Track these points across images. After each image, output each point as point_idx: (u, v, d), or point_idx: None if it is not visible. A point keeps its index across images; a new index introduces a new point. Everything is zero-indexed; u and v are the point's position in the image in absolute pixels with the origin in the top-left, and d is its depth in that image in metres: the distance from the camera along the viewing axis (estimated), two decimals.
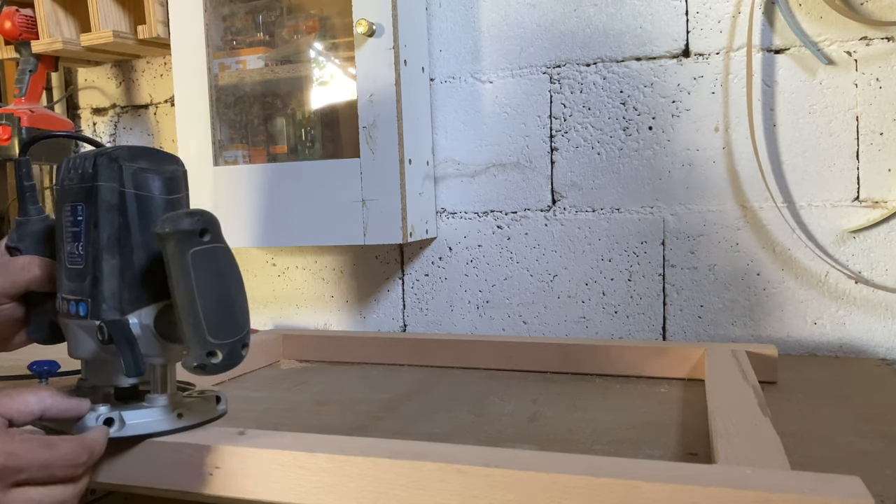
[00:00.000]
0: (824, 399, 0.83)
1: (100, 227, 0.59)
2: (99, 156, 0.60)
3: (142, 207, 0.60)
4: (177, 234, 0.56)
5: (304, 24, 1.23)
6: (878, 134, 1.04)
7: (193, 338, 0.56)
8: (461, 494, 0.50)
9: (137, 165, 0.61)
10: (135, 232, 0.60)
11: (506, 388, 0.91)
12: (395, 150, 1.13)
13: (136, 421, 0.61)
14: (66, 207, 0.62)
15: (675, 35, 1.13)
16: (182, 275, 0.56)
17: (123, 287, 0.60)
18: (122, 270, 0.60)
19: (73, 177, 0.61)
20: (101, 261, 0.59)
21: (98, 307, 0.59)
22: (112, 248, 0.60)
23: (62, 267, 0.63)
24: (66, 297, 0.62)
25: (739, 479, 0.45)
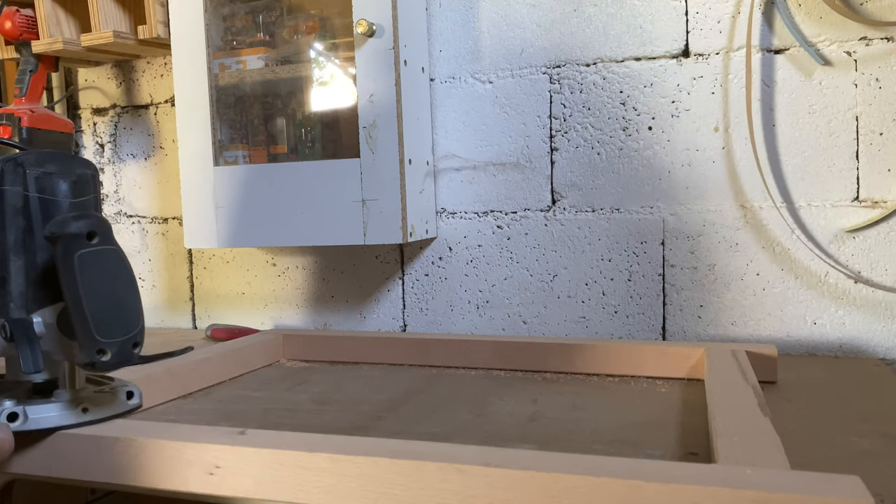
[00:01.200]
0: (824, 399, 0.83)
1: (6, 229, 0.62)
2: (5, 161, 0.62)
3: (46, 210, 0.62)
4: (64, 237, 0.58)
5: (304, 25, 1.23)
6: (878, 134, 1.05)
7: (83, 336, 0.58)
8: (461, 494, 0.50)
9: (43, 170, 0.62)
10: (38, 234, 0.62)
11: (506, 388, 0.91)
12: (395, 150, 1.13)
13: (39, 416, 0.62)
14: None
15: (675, 35, 1.13)
16: (70, 276, 0.57)
17: (28, 287, 0.62)
18: (27, 271, 0.62)
19: None
20: (9, 262, 0.61)
21: (6, 306, 0.62)
22: (18, 250, 0.62)
23: None
24: None
25: (739, 479, 0.45)
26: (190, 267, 1.51)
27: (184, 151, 1.27)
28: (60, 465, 0.64)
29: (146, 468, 0.61)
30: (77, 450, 0.63)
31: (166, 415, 0.82)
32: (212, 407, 0.86)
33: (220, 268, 1.47)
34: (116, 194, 1.57)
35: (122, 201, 1.57)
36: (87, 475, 0.63)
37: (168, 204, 1.53)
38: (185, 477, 0.59)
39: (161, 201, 1.53)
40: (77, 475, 0.63)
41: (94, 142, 1.58)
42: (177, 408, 0.86)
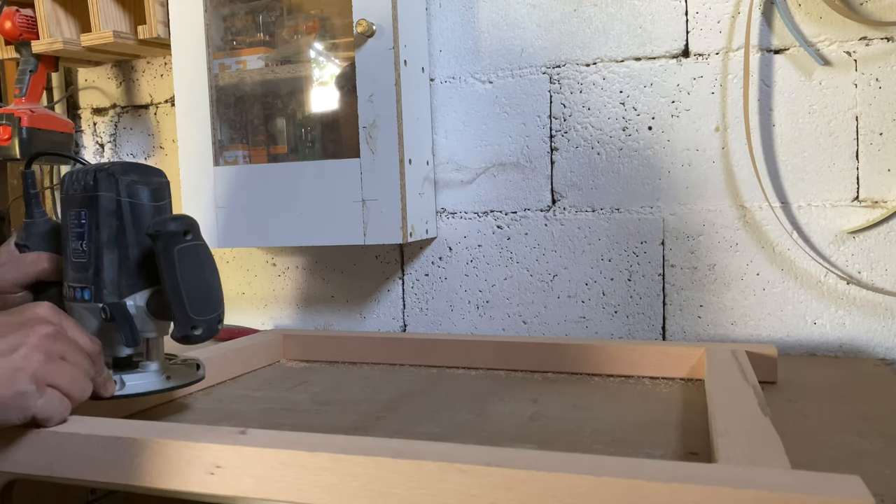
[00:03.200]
0: (824, 399, 0.84)
1: (100, 228, 0.73)
2: (98, 171, 0.73)
3: (134, 212, 0.74)
4: (164, 235, 0.70)
5: (304, 25, 1.24)
6: (878, 134, 1.05)
7: (180, 315, 0.71)
8: (462, 493, 0.50)
9: (130, 178, 0.74)
10: (129, 232, 0.73)
11: (506, 388, 0.91)
12: (395, 150, 1.13)
13: (133, 383, 0.74)
14: (70, 213, 0.75)
15: (675, 35, 1.13)
16: (170, 266, 0.70)
17: (121, 276, 0.73)
18: (119, 263, 0.73)
19: (76, 188, 0.74)
20: (102, 256, 0.73)
21: (100, 292, 0.73)
22: (111, 245, 0.73)
23: (68, 261, 0.76)
24: (72, 285, 0.75)
25: (740, 479, 0.45)
26: None
27: (184, 151, 1.27)
28: (61, 465, 0.64)
29: (146, 468, 0.61)
30: (77, 450, 0.63)
31: (167, 415, 0.82)
32: (212, 407, 0.86)
33: (220, 268, 1.46)
34: None
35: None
36: (88, 475, 0.63)
37: None
38: (186, 477, 0.59)
39: None
40: (77, 475, 0.63)
41: (94, 142, 1.58)
42: (177, 407, 0.86)
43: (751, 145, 1.08)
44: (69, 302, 0.75)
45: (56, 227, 0.81)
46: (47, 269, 0.79)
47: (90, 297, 0.73)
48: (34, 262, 0.79)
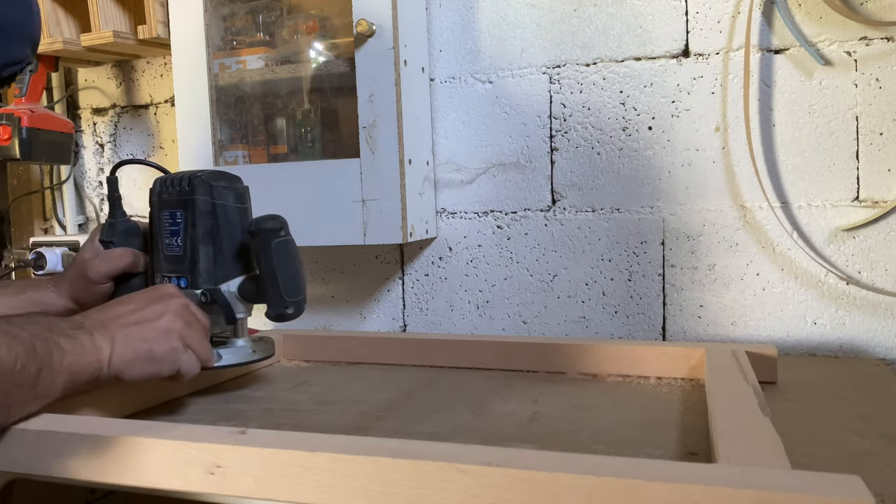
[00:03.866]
0: (824, 399, 0.83)
1: (197, 226, 0.84)
2: (193, 177, 0.85)
3: (225, 213, 0.85)
4: (263, 231, 0.82)
5: (304, 24, 1.24)
6: (878, 134, 1.05)
7: (275, 298, 0.84)
8: (462, 493, 0.50)
9: (220, 184, 0.86)
10: (221, 229, 0.85)
11: (506, 388, 0.91)
12: (395, 150, 1.13)
13: (228, 355, 0.86)
14: (164, 213, 0.86)
15: (675, 35, 1.13)
16: (268, 257, 0.83)
17: (215, 266, 0.85)
18: (214, 255, 0.85)
19: (171, 192, 0.86)
20: (198, 249, 0.84)
21: (196, 280, 0.85)
22: (206, 241, 0.85)
23: (160, 254, 0.87)
24: (167, 275, 0.86)
25: (740, 479, 0.45)
26: None
27: (184, 151, 1.27)
28: (61, 465, 0.64)
29: (147, 468, 0.61)
30: (77, 450, 0.63)
31: (167, 415, 0.82)
32: (212, 407, 0.86)
33: None
34: None
35: None
36: (88, 475, 0.63)
37: None
38: (186, 476, 0.59)
39: None
40: (77, 475, 0.63)
41: (94, 142, 1.58)
42: (178, 407, 0.86)
43: (751, 145, 1.08)
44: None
45: (134, 226, 0.94)
46: (132, 262, 0.91)
47: (187, 284, 0.85)
48: (122, 257, 0.91)
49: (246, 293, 0.86)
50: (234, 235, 0.86)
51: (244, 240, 0.87)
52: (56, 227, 1.64)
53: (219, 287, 0.85)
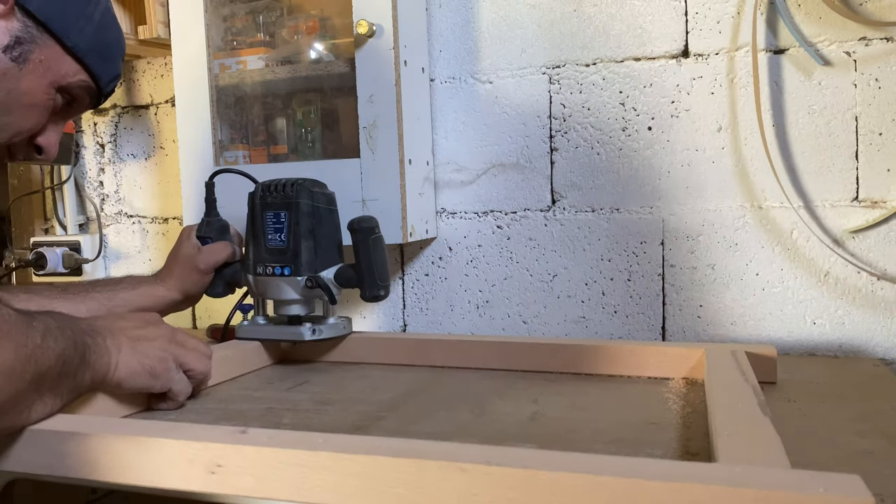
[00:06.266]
0: (824, 399, 0.84)
1: (299, 224, 1.01)
2: (294, 184, 1.01)
3: (322, 214, 1.02)
4: (362, 229, 1.00)
5: (305, 25, 1.24)
6: (878, 134, 1.05)
7: (370, 282, 1.01)
8: (463, 493, 0.50)
9: (317, 190, 1.02)
10: (318, 227, 1.02)
11: (506, 388, 0.91)
12: (395, 150, 1.13)
13: (328, 330, 1.04)
14: (268, 213, 1.02)
15: (675, 35, 1.13)
16: (366, 250, 1.00)
17: (315, 258, 1.02)
18: (314, 249, 1.01)
19: (275, 196, 1.02)
20: (300, 244, 1.01)
21: (299, 269, 1.01)
22: (307, 237, 1.01)
23: (260, 247, 1.03)
24: (270, 265, 1.02)
25: (740, 478, 0.45)
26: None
27: (184, 151, 1.28)
28: (61, 465, 0.64)
29: (147, 467, 0.61)
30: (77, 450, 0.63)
31: (167, 414, 0.82)
32: (213, 406, 0.86)
33: None
34: (117, 194, 1.57)
35: (122, 201, 1.57)
36: (89, 474, 0.63)
37: (168, 204, 1.53)
38: (187, 476, 0.59)
39: (161, 201, 1.54)
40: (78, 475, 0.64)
41: (95, 142, 1.58)
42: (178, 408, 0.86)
43: (751, 146, 1.08)
44: (263, 277, 1.02)
45: (226, 223, 1.10)
46: (231, 253, 1.07)
47: (290, 272, 1.01)
48: (224, 249, 1.06)
49: (341, 279, 1.02)
50: (328, 232, 1.03)
51: (337, 235, 1.05)
52: (57, 227, 1.64)
53: (319, 274, 1.01)
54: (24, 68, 0.78)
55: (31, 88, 0.79)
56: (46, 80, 0.80)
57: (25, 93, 0.79)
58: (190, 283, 1.05)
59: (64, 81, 0.82)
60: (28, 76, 0.78)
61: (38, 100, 0.81)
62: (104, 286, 1.01)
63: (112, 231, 1.58)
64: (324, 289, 1.01)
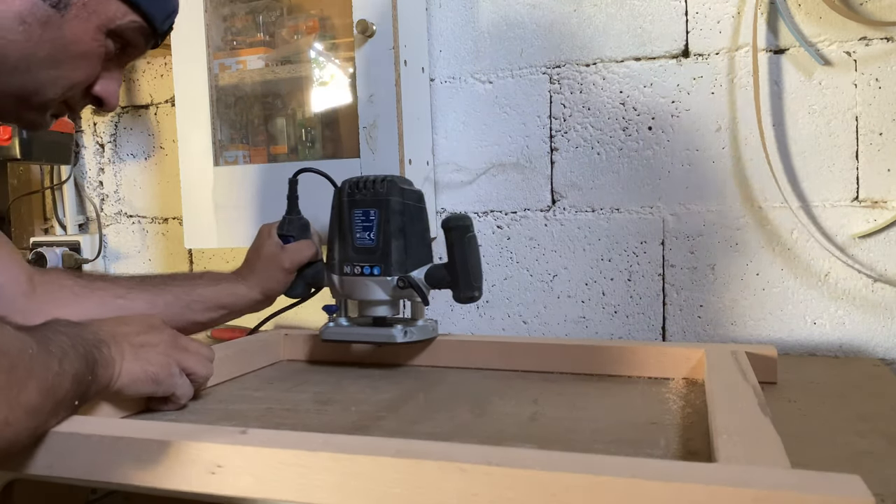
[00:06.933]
0: (824, 399, 0.83)
1: (390, 223, 0.97)
2: (386, 180, 0.97)
3: (412, 212, 0.98)
4: (458, 227, 0.94)
5: (304, 25, 1.24)
6: (878, 134, 1.05)
7: (465, 283, 0.95)
8: (463, 493, 0.50)
9: (407, 187, 0.99)
10: (408, 225, 0.98)
11: (506, 388, 0.91)
12: (395, 150, 1.13)
13: (419, 332, 0.99)
14: (357, 211, 0.98)
15: (675, 35, 1.13)
16: (461, 249, 0.94)
17: (406, 257, 0.97)
18: (404, 248, 0.97)
19: (364, 194, 0.98)
20: (391, 242, 0.97)
21: (389, 269, 0.96)
22: (398, 235, 0.97)
23: (347, 246, 0.99)
24: (358, 265, 0.98)
25: (740, 478, 0.45)
26: (190, 267, 1.51)
27: (184, 151, 1.27)
28: (61, 465, 0.64)
29: (147, 467, 0.60)
30: (77, 450, 0.63)
31: (167, 415, 0.82)
32: (213, 406, 0.86)
33: (220, 268, 1.46)
34: (116, 194, 1.57)
35: (122, 201, 1.57)
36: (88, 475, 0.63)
37: (168, 204, 1.53)
38: (186, 476, 0.59)
39: (161, 201, 1.54)
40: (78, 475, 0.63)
41: (95, 142, 1.58)
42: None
43: (751, 146, 1.08)
44: (350, 276, 0.99)
45: (307, 222, 1.08)
46: (315, 252, 1.05)
47: (380, 272, 0.97)
48: (308, 247, 1.04)
49: (431, 280, 0.98)
50: (418, 230, 0.99)
51: (426, 234, 1.01)
52: (56, 227, 1.64)
53: (410, 274, 0.97)
54: (67, 14, 0.71)
55: (77, 36, 0.72)
56: (93, 25, 0.73)
57: (72, 41, 0.72)
58: (273, 282, 1.03)
59: (113, 24, 0.74)
60: (72, 22, 0.71)
61: (86, 48, 0.73)
62: (182, 280, 1.00)
63: (112, 231, 1.58)
64: (416, 289, 0.96)
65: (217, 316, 1.01)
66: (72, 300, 0.89)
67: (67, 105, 0.78)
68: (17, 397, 0.58)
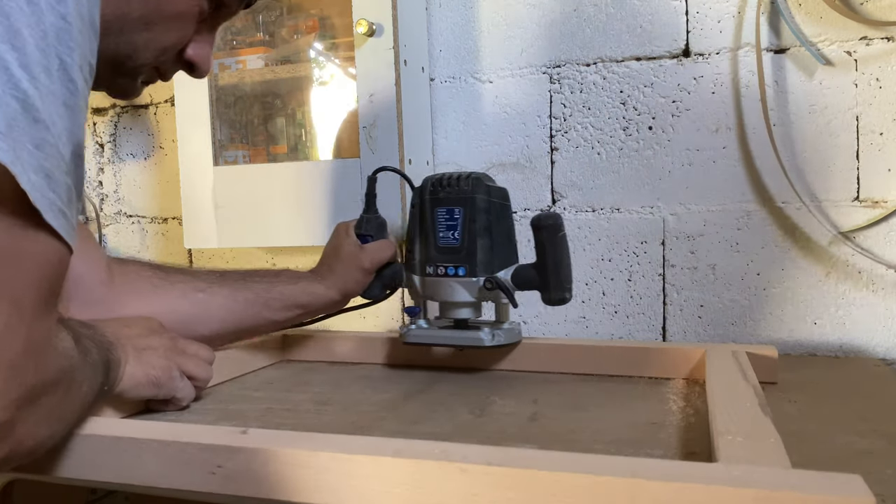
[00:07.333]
0: (824, 399, 0.83)
1: (476, 221, 0.93)
2: (471, 177, 0.94)
3: (498, 209, 0.94)
4: (549, 227, 0.89)
5: (304, 24, 1.24)
6: (878, 134, 1.05)
7: (557, 283, 0.90)
8: (463, 493, 0.50)
9: (492, 184, 0.95)
10: (494, 224, 0.94)
11: (506, 388, 0.91)
12: (396, 150, 1.13)
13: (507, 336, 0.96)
14: (440, 209, 0.95)
15: (675, 35, 1.13)
16: (553, 249, 0.89)
17: (492, 257, 0.93)
18: (490, 247, 0.93)
19: (449, 191, 0.95)
20: (476, 242, 0.93)
21: (474, 270, 0.93)
22: (483, 234, 0.93)
23: (430, 246, 0.96)
24: (442, 265, 0.95)
25: (741, 478, 0.45)
26: (190, 267, 1.51)
27: (184, 151, 1.27)
28: (61, 465, 0.64)
29: (147, 467, 0.61)
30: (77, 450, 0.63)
31: (167, 415, 0.82)
32: (212, 407, 0.86)
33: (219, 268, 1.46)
34: (116, 194, 1.57)
35: (121, 201, 1.57)
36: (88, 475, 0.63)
37: (168, 204, 1.53)
38: (186, 476, 0.59)
39: (161, 201, 1.53)
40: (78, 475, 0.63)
41: (94, 142, 1.58)
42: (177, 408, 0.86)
43: (751, 146, 1.08)
44: (432, 277, 0.96)
45: (384, 221, 1.04)
46: (394, 252, 1.01)
47: (464, 273, 0.94)
48: (388, 247, 1.01)
49: (518, 280, 0.93)
50: (504, 229, 0.95)
51: (512, 233, 0.97)
52: None
53: (497, 275, 0.93)
54: None
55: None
56: None
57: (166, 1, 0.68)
58: (352, 283, 0.99)
59: None
60: None
61: (181, 7, 0.69)
62: (262, 277, 0.98)
63: (111, 231, 1.58)
64: (504, 290, 0.92)
65: (293, 315, 0.99)
66: (151, 291, 0.88)
67: (158, 71, 0.74)
68: (65, 416, 0.59)
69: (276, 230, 1.21)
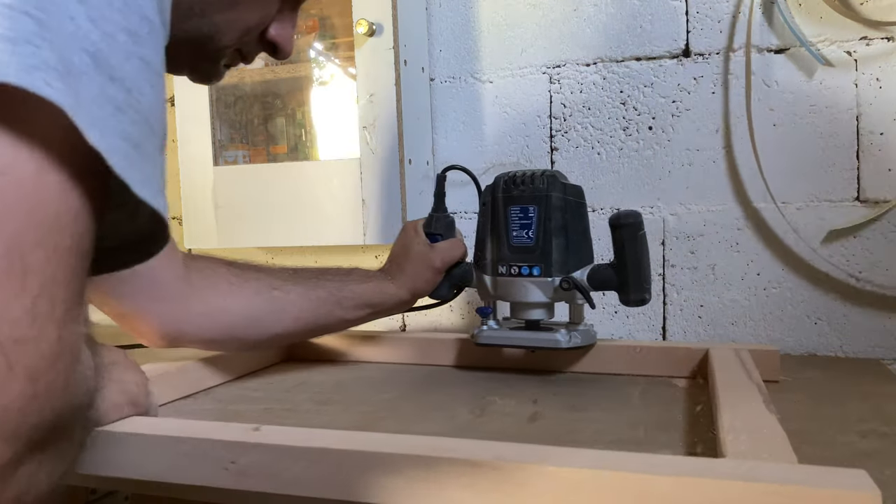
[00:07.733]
0: (824, 399, 0.83)
1: (551, 220, 0.91)
2: (546, 174, 0.92)
3: (573, 208, 0.92)
4: (629, 225, 0.86)
5: (304, 24, 1.23)
6: (879, 134, 1.05)
7: (637, 284, 0.87)
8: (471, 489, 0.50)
9: (566, 182, 0.93)
10: (570, 222, 0.92)
11: (506, 388, 0.91)
12: (396, 149, 1.13)
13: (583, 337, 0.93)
14: (514, 208, 0.93)
15: (675, 35, 1.13)
16: (633, 248, 0.86)
17: (567, 256, 0.91)
18: (566, 246, 0.91)
19: (523, 189, 0.92)
20: (551, 241, 0.91)
21: (549, 269, 0.91)
22: (559, 233, 0.91)
23: (503, 246, 0.94)
24: (516, 265, 0.93)
25: (749, 472, 0.45)
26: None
27: (184, 151, 1.27)
28: None
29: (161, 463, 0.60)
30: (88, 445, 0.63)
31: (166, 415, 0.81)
32: (213, 407, 0.86)
33: None
34: None
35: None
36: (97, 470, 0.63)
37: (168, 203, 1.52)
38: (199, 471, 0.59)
39: None
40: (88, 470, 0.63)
41: None
42: (177, 409, 0.86)
43: (753, 145, 1.08)
44: (505, 277, 0.93)
45: (453, 219, 1.02)
46: (465, 252, 1.00)
47: (539, 273, 0.91)
48: (459, 246, 1.00)
49: (595, 281, 0.91)
50: (580, 228, 0.93)
51: (588, 232, 0.95)
52: None
53: (573, 275, 0.91)
54: None
55: None
56: None
57: None
58: (422, 282, 0.97)
59: None
60: None
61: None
62: (334, 275, 0.95)
63: None
64: (581, 291, 0.90)
65: (364, 314, 0.97)
66: (227, 288, 0.86)
67: (241, 53, 0.71)
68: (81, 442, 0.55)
69: (275, 230, 1.21)
